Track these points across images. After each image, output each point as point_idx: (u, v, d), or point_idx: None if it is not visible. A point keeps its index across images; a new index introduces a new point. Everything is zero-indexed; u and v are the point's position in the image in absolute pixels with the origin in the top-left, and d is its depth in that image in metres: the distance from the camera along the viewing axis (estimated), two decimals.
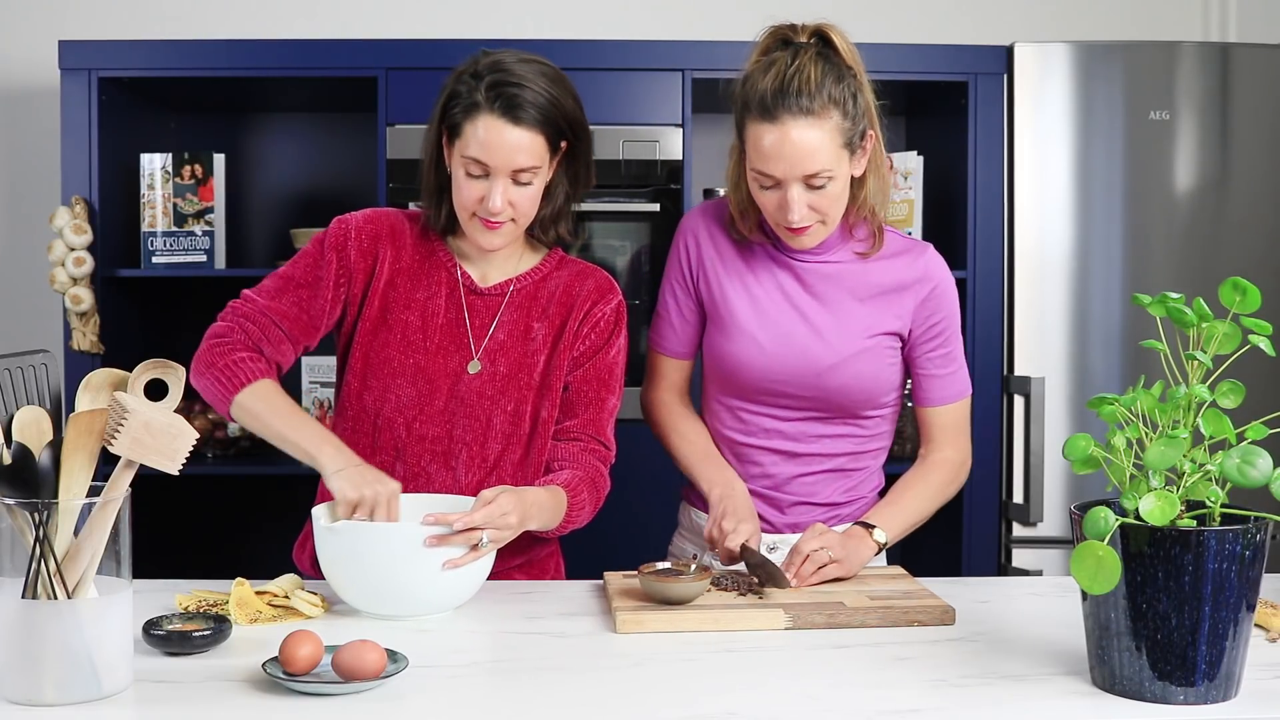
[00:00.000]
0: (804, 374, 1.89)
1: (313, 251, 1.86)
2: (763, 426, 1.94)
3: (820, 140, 1.75)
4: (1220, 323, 1.32)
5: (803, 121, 1.74)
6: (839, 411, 1.92)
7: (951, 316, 1.94)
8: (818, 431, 1.94)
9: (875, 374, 1.90)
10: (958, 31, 3.33)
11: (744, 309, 1.91)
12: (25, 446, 1.28)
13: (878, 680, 1.39)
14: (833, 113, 1.75)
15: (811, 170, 1.75)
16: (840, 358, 1.88)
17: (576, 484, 1.83)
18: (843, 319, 1.90)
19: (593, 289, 1.90)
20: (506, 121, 1.74)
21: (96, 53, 2.90)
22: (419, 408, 1.83)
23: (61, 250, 2.87)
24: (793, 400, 1.92)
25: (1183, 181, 2.92)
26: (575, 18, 3.40)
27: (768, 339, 1.90)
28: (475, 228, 1.80)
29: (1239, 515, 1.28)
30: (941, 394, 1.94)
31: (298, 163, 3.38)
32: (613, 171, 2.94)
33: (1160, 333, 1.35)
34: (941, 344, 1.93)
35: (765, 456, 1.95)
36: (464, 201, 1.78)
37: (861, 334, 1.89)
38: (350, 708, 1.27)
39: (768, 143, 1.75)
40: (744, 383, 1.92)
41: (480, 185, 1.76)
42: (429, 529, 1.58)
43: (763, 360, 1.90)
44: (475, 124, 1.74)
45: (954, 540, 2.98)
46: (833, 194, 1.79)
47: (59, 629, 1.25)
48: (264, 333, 1.80)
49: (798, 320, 1.90)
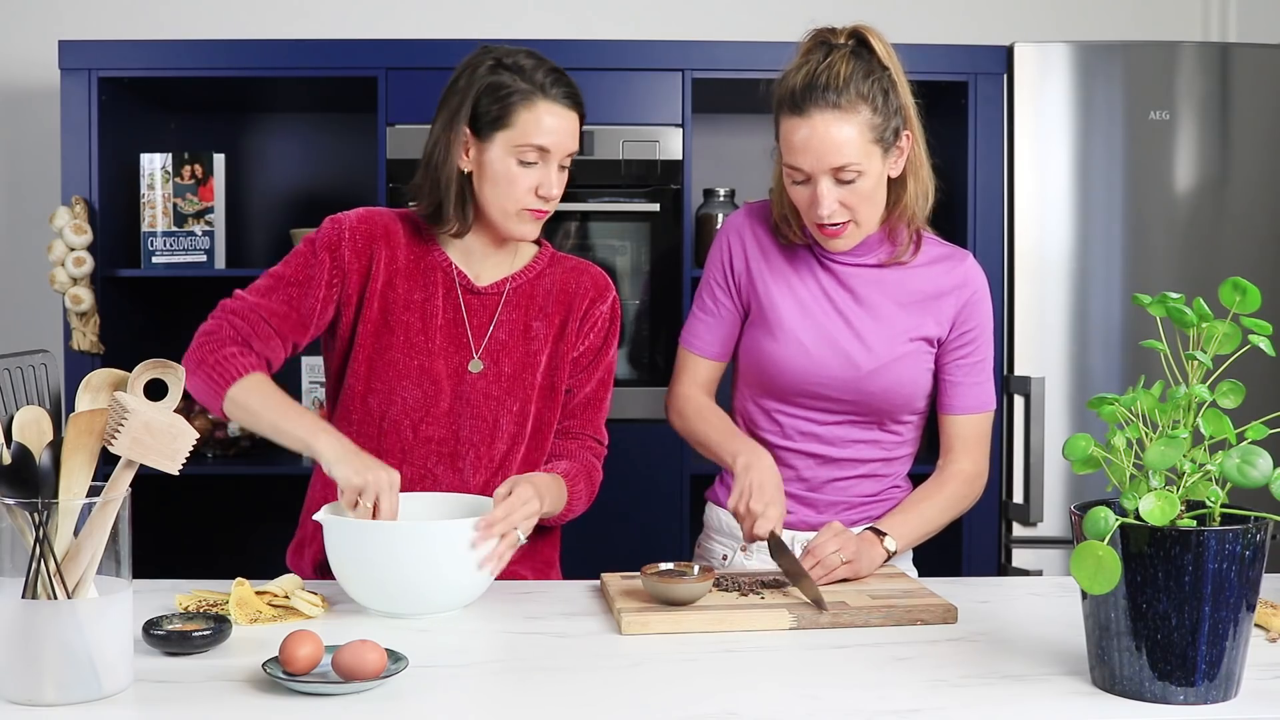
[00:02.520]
0: (846, 377, 1.89)
1: (304, 251, 1.85)
2: (799, 430, 1.94)
3: (848, 134, 1.76)
4: (1220, 323, 1.32)
5: (830, 115, 1.76)
6: (876, 416, 1.92)
7: (985, 326, 1.94)
8: (853, 436, 1.94)
9: (915, 379, 1.91)
10: (958, 31, 3.33)
11: (790, 310, 1.91)
12: (25, 446, 1.28)
13: (878, 680, 1.39)
14: (861, 108, 1.76)
15: (839, 163, 1.76)
16: (881, 362, 1.89)
17: (574, 475, 1.86)
18: (884, 323, 1.90)
19: (589, 286, 1.91)
20: (567, 107, 1.79)
21: (96, 53, 2.90)
22: (425, 410, 1.83)
23: (61, 250, 2.87)
24: (832, 404, 1.92)
25: (1183, 181, 2.92)
26: (575, 18, 3.40)
27: (812, 341, 1.90)
28: (521, 220, 1.80)
29: (1239, 515, 1.28)
30: (966, 403, 1.94)
31: (298, 163, 3.38)
32: (613, 171, 2.94)
33: (1160, 333, 1.35)
34: (972, 352, 1.93)
35: (800, 460, 1.95)
36: (519, 192, 1.78)
37: (902, 338, 1.90)
38: (350, 708, 1.27)
39: (798, 137, 1.77)
40: (785, 384, 1.92)
41: (535, 173, 1.78)
42: (452, 528, 1.58)
43: (806, 362, 1.90)
44: (535, 110, 1.76)
45: (954, 540, 2.98)
46: (863, 191, 1.80)
47: (59, 629, 1.25)
48: (253, 328, 1.79)
49: (841, 323, 1.90)
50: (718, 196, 3.13)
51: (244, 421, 1.76)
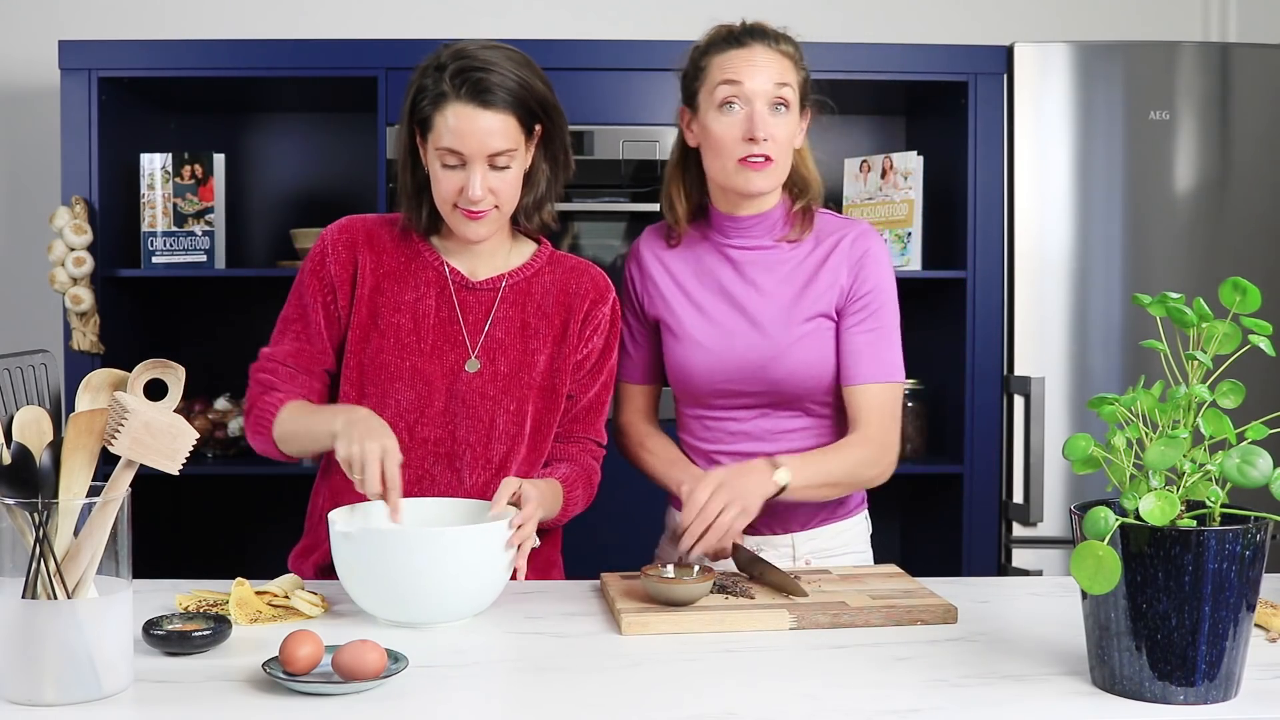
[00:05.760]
0: (748, 369, 1.91)
1: (296, 285, 1.88)
2: (727, 430, 1.96)
3: (785, 65, 1.87)
4: (1220, 323, 1.32)
5: (771, 49, 1.87)
6: (793, 402, 1.93)
7: (881, 290, 1.91)
8: (781, 426, 1.94)
9: (821, 358, 1.90)
10: (958, 31, 3.33)
11: (688, 315, 1.94)
12: (25, 446, 1.28)
13: (878, 680, 1.39)
14: (793, 52, 1.89)
15: (779, 80, 1.85)
16: (779, 347, 1.89)
17: (572, 479, 1.86)
18: (781, 307, 1.91)
19: (590, 288, 1.91)
20: (476, 106, 1.73)
21: (96, 53, 2.90)
22: (419, 411, 1.83)
23: (61, 250, 2.87)
24: (746, 398, 1.93)
25: (1183, 181, 2.92)
26: (575, 18, 3.40)
27: (709, 339, 1.92)
28: (459, 220, 1.79)
29: (1239, 515, 1.28)
30: (864, 371, 1.89)
31: (298, 163, 3.38)
32: (613, 171, 2.94)
33: (1160, 333, 1.35)
34: (869, 317, 1.90)
35: (735, 461, 1.93)
36: (444, 194, 1.78)
37: (800, 319, 1.90)
38: (350, 708, 1.27)
39: (738, 58, 1.86)
40: (696, 387, 1.95)
41: (458, 176, 1.76)
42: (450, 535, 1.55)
43: (709, 361, 1.92)
44: (444, 113, 1.74)
45: (954, 540, 2.99)
46: (789, 125, 1.87)
47: (59, 629, 1.25)
48: (275, 376, 1.84)
49: (738, 317, 1.92)
50: None
51: (298, 449, 1.80)
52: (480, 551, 1.56)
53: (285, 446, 1.80)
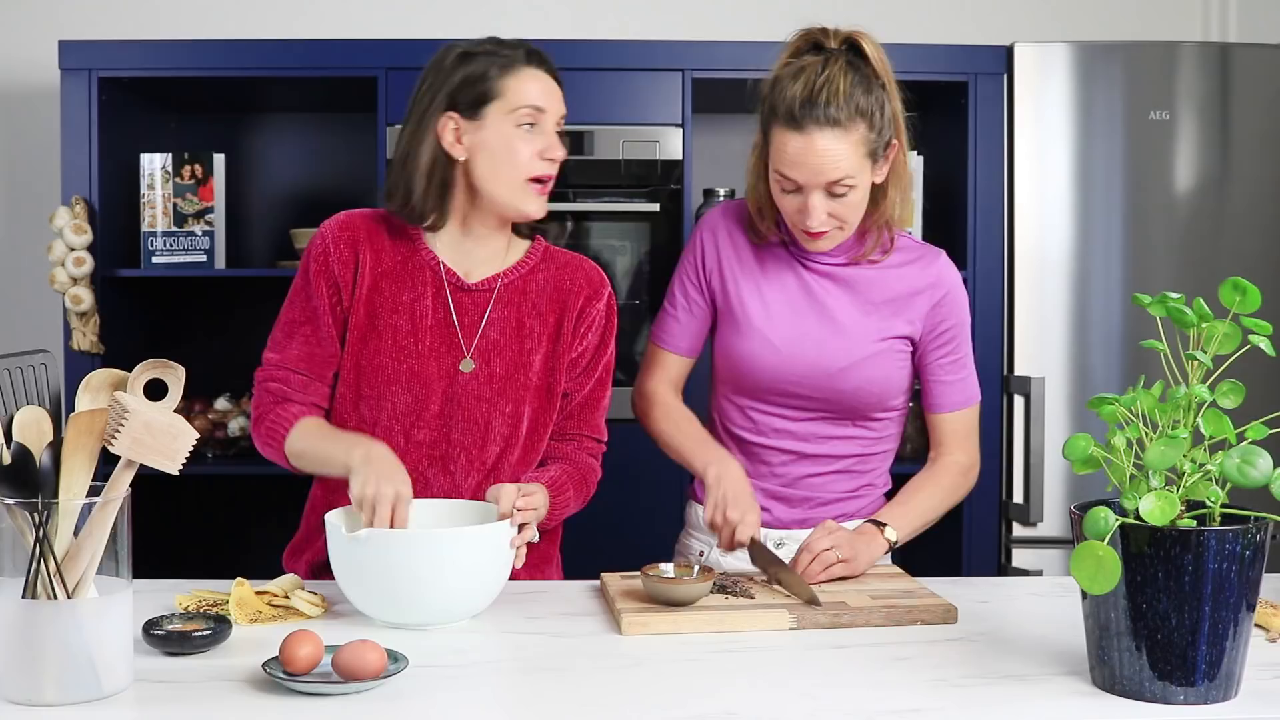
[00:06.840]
0: (816, 375, 1.90)
1: (300, 285, 1.85)
2: (773, 426, 1.95)
3: (845, 151, 1.76)
4: (1220, 323, 1.32)
5: (829, 132, 1.76)
6: (849, 413, 1.93)
7: (962, 324, 1.95)
8: (827, 433, 1.94)
9: (886, 377, 1.91)
10: (958, 31, 3.33)
11: (757, 309, 1.92)
12: (25, 446, 1.28)
13: (878, 680, 1.39)
14: (859, 124, 1.77)
15: (834, 178, 1.77)
16: (852, 360, 1.89)
17: (562, 481, 1.83)
18: (855, 322, 1.90)
19: (584, 283, 1.90)
20: (548, 73, 1.81)
21: (96, 53, 2.90)
22: (415, 413, 1.82)
23: (61, 250, 2.87)
24: (804, 401, 1.92)
25: (1183, 181, 2.92)
26: (575, 18, 3.40)
27: (781, 339, 1.90)
28: (528, 195, 1.80)
29: (1239, 515, 1.28)
30: (951, 400, 1.95)
31: (298, 163, 3.38)
32: (613, 171, 2.94)
33: (1160, 333, 1.34)
34: (951, 350, 1.94)
35: (774, 456, 1.95)
36: (521, 159, 1.78)
37: (873, 337, 1.90)
38: (350, 708, 1.27)
39: (792, 150, 1.77)
40: (756, 383, 1.93)
41: (536, 136, 1.78)
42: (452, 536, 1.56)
43: (775, 360, 1.90)
44: (520, 76, 1.78)
45: (954, 540, 2.98)
46: (853, 202, 1.81)
47: (59, 629, 1.25)
48: (286, 385, 1.82)
49: (812, 322, 1.91)
50: (717, 196, 3.13)
51: (308, 468, 1.80)
52: (480, 553, 1.56)
53: (296, 462, 1.80)
